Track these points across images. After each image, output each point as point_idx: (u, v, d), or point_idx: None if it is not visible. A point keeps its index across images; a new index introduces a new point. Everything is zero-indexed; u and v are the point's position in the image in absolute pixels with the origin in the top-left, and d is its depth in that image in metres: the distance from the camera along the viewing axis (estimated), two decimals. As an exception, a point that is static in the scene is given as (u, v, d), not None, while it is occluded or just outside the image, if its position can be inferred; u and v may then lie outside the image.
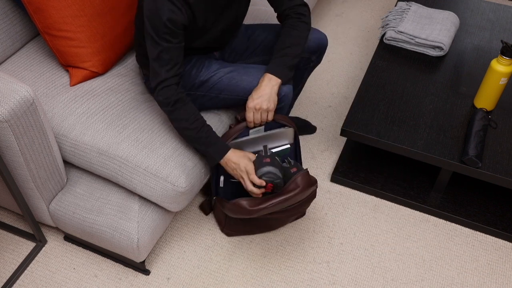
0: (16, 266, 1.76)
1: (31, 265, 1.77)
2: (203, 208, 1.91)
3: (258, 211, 1.55)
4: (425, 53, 2.13)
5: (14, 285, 1.72)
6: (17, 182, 1.57)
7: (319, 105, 2.36)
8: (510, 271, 1.80)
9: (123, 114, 1.65)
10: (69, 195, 1.67)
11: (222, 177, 1.71)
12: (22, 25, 1.81)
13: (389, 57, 2.12)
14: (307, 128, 2.21)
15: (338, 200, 2.00)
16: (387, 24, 2.22)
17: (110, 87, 1.72)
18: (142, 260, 1.67)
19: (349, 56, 2.63)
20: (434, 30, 2.13)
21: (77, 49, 1.69)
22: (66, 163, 1.73)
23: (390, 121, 1.87)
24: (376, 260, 1.82)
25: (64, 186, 1.69)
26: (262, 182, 1.52)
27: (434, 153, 1.77)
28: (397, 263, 1.81)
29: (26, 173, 1.52)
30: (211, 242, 1.85)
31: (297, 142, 1.76)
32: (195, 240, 1.85)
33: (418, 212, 1.97)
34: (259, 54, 1.81)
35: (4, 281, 1.72)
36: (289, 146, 1.73)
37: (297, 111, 2.33)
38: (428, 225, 1.93)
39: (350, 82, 2.48)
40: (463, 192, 2.00)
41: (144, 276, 1.75)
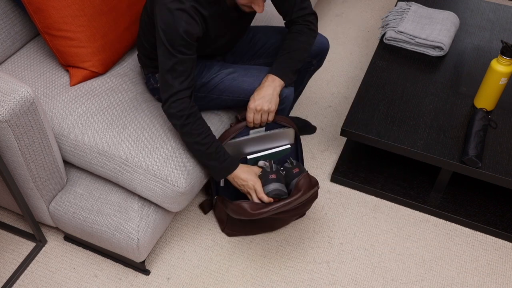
0: (16, 266, 1.76)
1: (31, 265, 1.77)
2: (203, 207, 1.91)
3: (260, 215, 1.55)
4: (425, 53, 2.13)
5: (14, 285, 1.72)
6: (17, 182, 1.57)
7: (319, 105, 2.36)
8: (510, 271, 1.80)
9: (123, 114, 1.65)
10: (69, 195, 1.67)
11: None
12: (22, 25, 1.81)
13: (389, 57, 2.12)
14: (307, 128, 2.21)
15: (338, 200, 2.00)
16: (387, 24, 2.22)
17: (110, 87, 1.72)
18: (142, 260, 1.67)
19: (349, 56, 2.63)
20: (434, 30, 2.13)
21: (77, 49, 1.69)
22: (66, 163, 1.73)
23: (390, 121, 1.87)
24: (376, 260, 1.82)
25: (64, 186, 1.69)
26: (270, 200, 1.57)
27: (434, 153, 1.77)
28: (397, 263, 1.81)
29: (26, 173, 1.52)
30: (211, 242, 1.85)
31: (298, 142, 1.76)
32: (195, 240, 1.85)
33: (418, 212, 1.97)
34: (260, 56, 1.81)
35: (4, 281, 1.72)
36: (289, 146, 1.73)
37: (297, 111, 2.33)
38: (428, 225, 1.93)
39: (350, 82, 2.48)
40: (463, 192, 2.00)
41: (144, 276, 1.75)
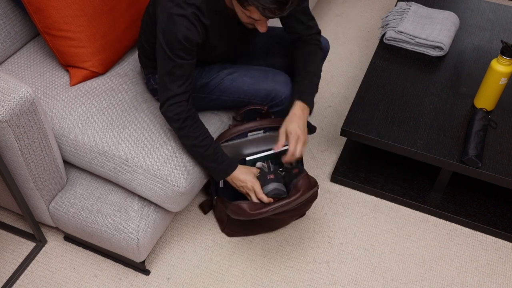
0: (16, 266, 1.76)
1: (31, 265, 1.77)
2: (203, 207, 1.91)
3: (259, 215, 1.55)
4: (425, 53, 2.13)
5: (14, 285, 1.72)
6: (17, 182, 1.57)
7: (319, 105, 2.36)
8: (510, 271, 1.80)
9: (123, 114, 1.65)
10: (69, 195, 1.67)
11: None
12: (22, 25, 1.81)
13: (389, 57, 2.12)
14: (307, 128, 2.21)
15: (338, 200, 2.00)
16: (387, 24, 2.22)
17: (110, 87, 1.72)
18: (142, 260, 1.67)
19: (349, 56, 2.63)
20: (434, 30, 2.13)
21: (77, 49, 1.69)
22: (66, 163, 1.73)
23: (390, 121, 1.87)
24: (376, 260, 1.82)
25: (64, 186, 1.69)
26: (270, 200, 1.57)
27: (434, 153, 1.77)
28: (397, 263, 1.81)
29: (26, 173, 1.52)
30: (211, 242, 1.85)
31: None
32: (195, 240, 1.85)
33: (418, 212, 1.97)
34: (260, 58, 1.80)
35: (4, 281, 1.72)
36: (287, 147, 1.73)
37: (297, 111, 2.33)
38: (428, 225, 1.93)
39: (350, 82, 2.48)
40: (463, 192, 2.00)
41: (144, 276, 1.75)
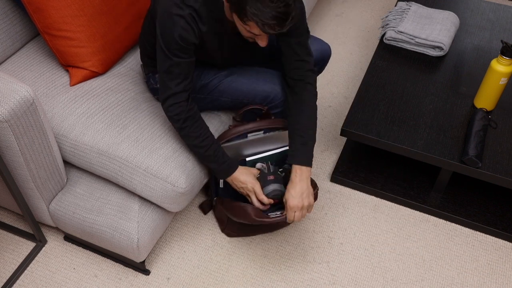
0: (16, 266, 1.76)
1: (31, 265, 1.77)
2: (203, 207, 1.91)
3: (262, 222, 1.57)
4: (425, 53, 2.13)
5: (14, 285, 1.72)
6: (17, 182, 1.57)
7: (319, 105, 2.36)
8: (510, 271, 1.80)
9: (123, 114, 1.65)
10: (69, 195, 1.67)
11: None
12: (22, 25, 1.81)
13: (389, 57, 2.12)
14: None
15: (338, 200, 2.00)
16: (387, 24, 2.21)
17: (110, 87, 1.72)
18: (142, 260, 1.67)
19: (349, 56, 2.63)
20: (434, 30, 2.13)
21: (77, 49, 1.69)
22: (66, 163, 1.73)
23: (390, 121, 1.87)
24: (376, 260, 1.82)
25: (64, 186, 1.69)
26: (270, 201, 1.58)
27: (434, 153, 1.77)
28: (397, 263, 1.81)
29: (26, 173, 1.52)
30: (211, 242, 1.85)
31: None
32: (195, 240, 1.85)
33: (418, 212, 1.97)
34: (259, 61, 1.80)
35: (4, 281, 1.72)
36: (288, 147, 1.73)
37: (297, 111, 2.33)
38: (428, 225, 1.93)
39: (350, 82, 2.48)
40: (463, 192, 2.00)
41: (144, 276, 1.75)
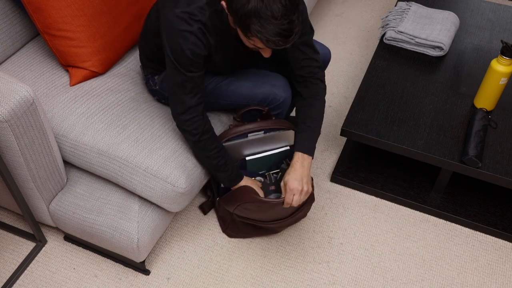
0: (16, 266, 1.76)
1: (31, 265, 1.77)
2: (203, 208, 1.91)
3: (259, 202, 1.57)
4: (425, 53, 2.13)
5: (14, 285, 1.72)
6: (17, 182, 1.57)
7: (319, 105, 2.36)
8: (510, 271, 1.80)
9: (123, 114, 1.65)
10: (69, 195, 1.67)
11: None
12: (22, 25, 1.81)
13: (389, 57, 2.12)
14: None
15: (338, 200, 2.00)
16: (387, 24, 2.21)
17: (110, 87, 1.72)
18: (142, 260, 1.67)
19: (349, 56, 2.62)
20: (434, 30, 2.13)
21: (76, 48, 1.69)
22: (66, 163, 1.73)
23: (390, 121, 1.87)
24: (376, 260, 1.82)
25: (64, 186, 1.69)
26: None
27: (434, 153, 1.77)
28: (397, 263, 1.81)
29: (26, 173, 1.52)
30: (211, 242, 1.85)
31: None
32: (195, 240, 1.85)
33: (418, 212, 1.97)
34: (260, 65, 1.79)
35: (4, 281, 1.72)
36: (288, 147, 1.73)
37: (297, 111, 2.33)
38: (428, 225, 1.93)
39: (350, 82, 2.48)
40: (463, 192, 2.00)
41: (144, 276, 1.75)
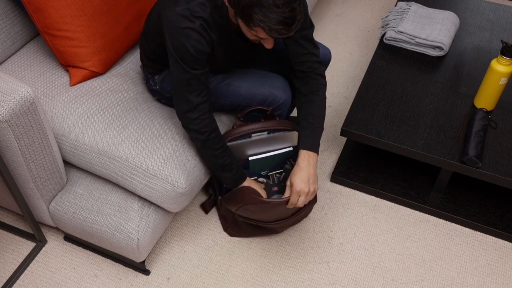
0: (16, 266, 1.76)
1: (31, 265, 1.77)
2: (204, 207, 1.91)
3: (261, 203, 1.56)
4: (425, 53, 2.13)
5: (14, 285, 1.72)
6: (17, 182, 1.57)
7: (319, 105, 2.36)
8: (510, 271, 1.80)
9: (123, 114, 1.65)
10: (69, 195, 1.67)
11: None
12: (22, 25, 1.81)
13: (389, 57, 2.12)
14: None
15: (338, 200, 2.00)
16: (387, 24, 2.21)
17: (110, 87, 1.72)
18: (142, 260, 1.67)
19: (349, 56, 2.62)
20: (434, 30, 2.13)
21: (76, 48, 1.69)
22: (66, 163, 1.73)
23: (390, 121, 1.87)
24: (376, 260, 1.82)
25: (64, 186, 1.69)
26: None
27: (434, 153, 1.77)
28: (397, 263, 1.81)
29: (26, 173, 1.52)
30: (211, 242, 1.85)
31: None
32: (195, 240, 1.85)
33: (418, 212, 1.97)
34: (260, 65, 1.80)
35: (4, 281, 1.72)
36: (291, 148, 1.73)
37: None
38: (428, 225, 1.93)
39: (350, 82, 2.48)
40: (463, 192, 2.00)
41: (144, 276, 1.75)
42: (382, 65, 2.08)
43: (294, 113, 2.33)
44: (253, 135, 1.65)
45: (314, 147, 1.59)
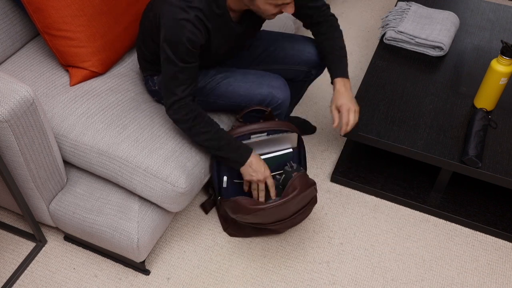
0: (16, 266, 1.76)
1: (31, 265, 1.77)
2: (204, 207, 1.91)
3: (257, 211, 1.55)
4: (425, 53, 2.13)
5: (14, 285, 1.72)
6: (17, 182, 1.57)
7: (319, 105, 2.36)
8: (510, 271, 1.80)
9: (123, 114, 1.65)
10: (69, 195, 1.67)
11: (225, 177, 1.71)
12: (22, 25, 1.81)
13: (389, 57, 2.12)
14: (307, 128, 2.21)
15: (338, 200, 2.00)
16: (387, 24, 2.21)
17: (110, 87, 1.72)
18: (142, 260, 1.67)
19: (349, 56, 2.62)
20: (434, 30, 2.13)
21: (76, 48, 1.69)
22: (66, 163, 1.73)
23: (390, 121, 1.87)
24: (376, 260, 1.82)
25: (64, 186, 1.69)
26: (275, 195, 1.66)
27: (434, 153, 1.77)
28: (397, 263, 1.81)
29: (26, 173, 1.52)
30: (211, 242, 1.85)
31: (302, 147, 1.76)
32: (195, 240, 1.85)
33: (418, 212, 1.97)
34: (259, 64, 1.80)
35: (4, 281, 1.72)
36: (291, 150, 1.73)
37: (297, 111, 2.33)
38: (428, 225, 1.93)
39: (350, 82, 2.47)
40: (463, 192, 2.00)
41: (144, 276, 1.75)
42: (382, 65, 2.08)
43: (294, 113, 2.33)
44: (252, 137, 1.65)
45: (346, 74, 1.69)
